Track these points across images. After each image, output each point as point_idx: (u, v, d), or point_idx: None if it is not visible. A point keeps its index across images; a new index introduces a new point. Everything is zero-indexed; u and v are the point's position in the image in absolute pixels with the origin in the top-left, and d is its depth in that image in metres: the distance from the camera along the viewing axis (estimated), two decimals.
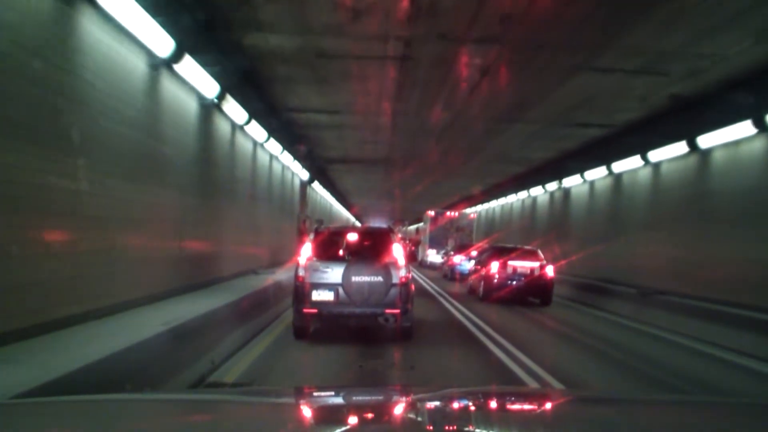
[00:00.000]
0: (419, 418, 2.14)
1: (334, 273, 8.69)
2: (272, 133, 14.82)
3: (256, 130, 13.85)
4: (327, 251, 9.14)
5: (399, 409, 2.26)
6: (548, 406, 2.40)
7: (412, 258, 28.22)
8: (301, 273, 8.79)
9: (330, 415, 2.16)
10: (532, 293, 15.72)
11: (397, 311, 8.67)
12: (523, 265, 15.67)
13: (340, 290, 8.63)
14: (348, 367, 7.54)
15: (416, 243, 37.76)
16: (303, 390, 2.94)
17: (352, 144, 19.28)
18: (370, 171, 25.71)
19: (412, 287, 9.25)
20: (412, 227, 52.21)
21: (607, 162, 16.58)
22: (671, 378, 7.76)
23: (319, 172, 25.13)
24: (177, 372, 5.77)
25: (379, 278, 8.58)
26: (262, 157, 15.95)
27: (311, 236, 9.40)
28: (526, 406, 2.39)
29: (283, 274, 13.42)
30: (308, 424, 2.06)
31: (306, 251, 8.99)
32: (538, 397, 2.91)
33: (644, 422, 2.06)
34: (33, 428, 1.78)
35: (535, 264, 15.69)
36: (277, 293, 11.64)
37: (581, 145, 17.05)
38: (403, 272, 8.78)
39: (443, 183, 28.43)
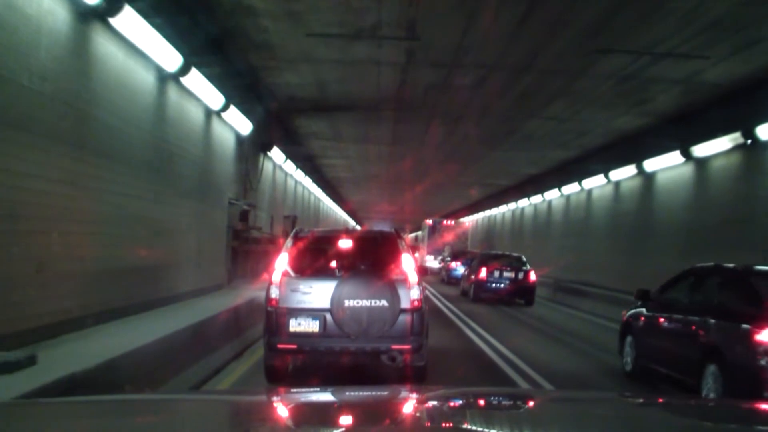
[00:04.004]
0: (418, 415, 2.07)
1: (321, 294, 6.10)
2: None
3: None
4: (311, 264, 6.50)
5: (397, 408, 2.19)
6: (547, 405, 2.33)
7: (423, 271, 22.13)
8: (274, 294, 6.19)
9: (329, 414, 2.09)
10: (517, 295, 16.59)
11: (407, 347, 6.11)
12: (509, 270, 16.52)
13: (329, 318, 6.05)
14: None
15: (415, 250, 38.00)
16: (303, 390, 2.85)
17: (327, 46, 9.52)
18: (370, 135, 16.82)
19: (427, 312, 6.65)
20: (411, 235, 51.98)
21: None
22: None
23: (276, 125, 13.88)
24: None
25: (383, 302, 5.98)
26: (98, 47, 6.82)
27: (288, 243, 6.62)
28: (523, 406, 2.31)
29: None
30: (309, 423, 1.98)
31: (281, 264, 6.35)
32: (535, 397, 2.84)
33: (641, 422, 1.99)
34: (33, 428, 1.70)
35: (520, 269, 16.53)
36: None
37: None
38: (415, 293, 6.17)
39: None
